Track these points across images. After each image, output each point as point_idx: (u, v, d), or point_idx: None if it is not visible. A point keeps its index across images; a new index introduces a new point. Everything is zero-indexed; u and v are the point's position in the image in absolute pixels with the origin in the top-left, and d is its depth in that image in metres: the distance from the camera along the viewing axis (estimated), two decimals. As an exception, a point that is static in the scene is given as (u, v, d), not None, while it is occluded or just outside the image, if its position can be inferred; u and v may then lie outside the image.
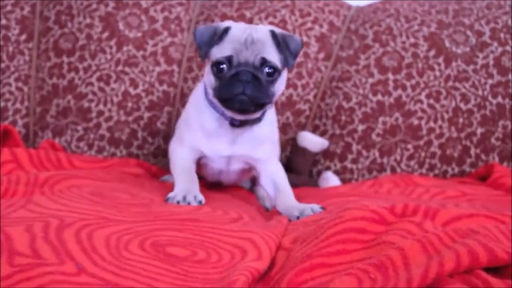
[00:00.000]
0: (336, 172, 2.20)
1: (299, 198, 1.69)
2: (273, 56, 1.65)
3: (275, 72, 1.65)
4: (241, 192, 1.96)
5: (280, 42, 1.66)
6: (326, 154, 2.23)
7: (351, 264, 1.13)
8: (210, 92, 1.69)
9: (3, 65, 2.28)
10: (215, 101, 1.69)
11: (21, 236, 1.09)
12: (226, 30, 1.67)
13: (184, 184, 1.65)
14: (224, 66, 1.64)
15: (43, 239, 1.09)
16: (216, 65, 1.64)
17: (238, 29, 1.67)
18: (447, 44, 2.23)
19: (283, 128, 2.26)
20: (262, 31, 1.67)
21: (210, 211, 1.47)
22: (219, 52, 1.65)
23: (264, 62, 1.63)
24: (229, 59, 1.63)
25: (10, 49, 2.30)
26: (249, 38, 1.64)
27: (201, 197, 1.60)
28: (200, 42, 1.69)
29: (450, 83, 2.19)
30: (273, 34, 1.67)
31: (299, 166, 2.18)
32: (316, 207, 1.58)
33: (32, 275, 0.99)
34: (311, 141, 2.20)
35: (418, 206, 1.28)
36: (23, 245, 1.06)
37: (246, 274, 1.08)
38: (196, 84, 2.14)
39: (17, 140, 2.10)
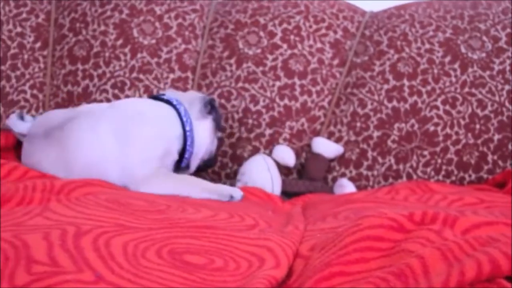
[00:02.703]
0: (352, 179, 2.19)
1: (313, 204, 1.69)
2: None
3: None
4: (257, 192, 1.95)
5: None
6: (341, 160, 2.22)
7: (370, 273, 1.12)
8: (203, 156, 2.05)
9: (18, 72, 2.28)
10: (196, 161, 2.05)
11: (39, 244, 1.09)
12: None
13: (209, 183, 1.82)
14: None
15: (60, 247, 1.09)
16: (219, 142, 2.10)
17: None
18: (463, 49, 2.21)
19: (298, 134, 2.25)
20: None
21: (226, 217, 1.46)
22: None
23: None
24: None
25: (25, 56, 2.31)
26: None
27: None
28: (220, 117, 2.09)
29: (466, 89, 2.17)
30: None
31: (313, 172, 2.17)
32: None
33: (50, 283, 0.98)
34: (326, 146, 2.19)
35: (437, 214, 1.27)
36: (41, 253, 1.06)
37: (264, 282, 1.07)
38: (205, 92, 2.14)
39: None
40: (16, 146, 2.12)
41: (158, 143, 1.88)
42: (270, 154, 2.20)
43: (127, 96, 2.27)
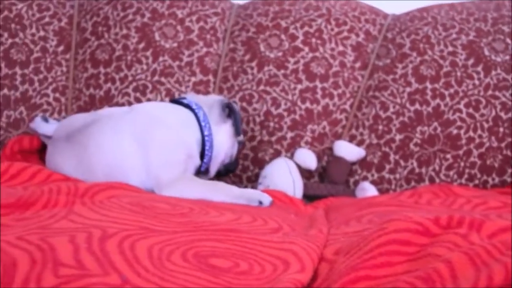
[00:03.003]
0: (374, 182, 2.18)
1: (335, 207, 1.69)
2: None
3: None
4: (279, 195, 1.95)
5: None
6: (363, 164, 2.21)
7: (396, 277, 1.11)
8: (223, 161, 2.06)
9: (41, 76, 2.30)
10: (216, 165, 2.07)
11: (65, 246, 1.09)
12: None
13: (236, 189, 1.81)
14: None
15: (86, 249, 1.09)
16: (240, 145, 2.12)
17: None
18: (486, 52, 2.20)
19: (319, 137, 2.24)
20: None
21: (250, 221, 1.46)
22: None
23: None
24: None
25: (48, 60, 2.32)
26: None
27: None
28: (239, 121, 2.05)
29: (489, 92, 2.16)
30: None
31: (335, 176, 2.17)
32: None
33: (77, 286, 0.98)
34: (348, 150, 2.18)
35: (463, 218, 1.26)
36: (67, 256, 1.06)
37: (290, 286, 1.06)
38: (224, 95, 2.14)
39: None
40: (41, 149, 2.13)
41: (179, 147, 1.88)
42: (291, 157, 2.20)
43: (149, 100, 2.27)
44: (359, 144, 2.22)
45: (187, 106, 1.99)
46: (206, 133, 1.96)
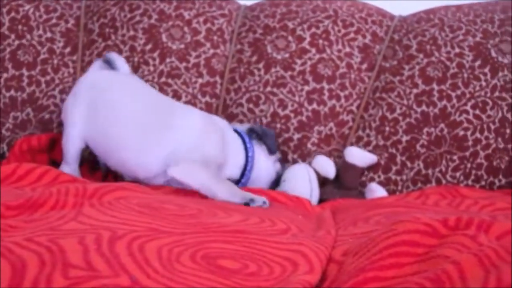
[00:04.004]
0: (380, 184, 2.18)
1: (343, 208, 1.69)
2: None
3: None
4: (283, 196, 1.95)
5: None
6: (370, 165, 2.20)
7: (405, 278, 1.11)
8: (270, 178, 2.15)
9: (48, 77, 2.30)
10: (267, 182, 2.15)
11: (74, 248, 1.10)
12: None
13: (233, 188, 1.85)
14: None
15: (96, 251, 1.09)
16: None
17: None
18: (493, 53, 2.20)
19: (326, 139, 2.25)
20: None
21: (258, 222, 1.46)
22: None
23: None
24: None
25: (55, 61, 2.33)
26: None
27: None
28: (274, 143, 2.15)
29: (496, 93, 2.16)
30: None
31: (348, 182, 2.16)
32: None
33: (87, 288, 0.99)
34: (360, 156, 2.17)
35: (471, 219, 1.26)
36: (77, 257, 1.07)
37: (299, 287, 1.07)
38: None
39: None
40: (49, 148, 2.15)
41: (218, 153, 1.97)
42: (303, 160, 2.21)
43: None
44: (366, 145, 2.22)
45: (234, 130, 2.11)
46: (250, 154, 2.06)
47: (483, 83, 2.18)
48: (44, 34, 2.34)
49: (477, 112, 2.16)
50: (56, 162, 2.13)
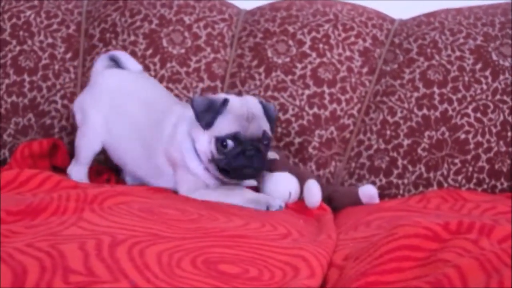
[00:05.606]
0: (382, 187, 2.17)
1: (344, 213, 1.67)
2: (268, 128, 1.84)
3: (270, 142, 1.86)
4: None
5: (267, 113, 1.85)
6: (371, 169, 2.20)
7: (406, 282, 1.11)
8: (207, 159, 1.81)
9: (49, 83, 2.31)
10: (210, 166, 1.83)
11: (75, 253, 1.10)
12: (224, 103, 1.78)
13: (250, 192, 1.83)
14: (231, 142, 1.77)
15: (96, 256, 1.09)
16: (221, 140, 1.76)
17: (236, 103, 1.81)
18: (494, 57, 2.20)
19: (327, 143, 2.24)
20: (255, 104, 1.84)
21: (258, 227, 1.46)
22: (224, 128, 1.76)
23: (264, 135, 1.81)
24: (235, 135, 1.77)
25: (56, 67, 2.33)
26: (249, 113, 1.79)
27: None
28: (199, 113, 1.78)
29: (497, 97, 2.15)
30: (263, 107, 1.85)
31: (339, 204, 2.06)
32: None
33: (87, 293, 0.99)
34: (374, 197, 2.01)
35: (473, 223, 1.26)
36: (77, 262, 1.07)
37: (300, 292, 1.07)
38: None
39: (65, 154, 2.14)
40: (50, 153, 2.14)
41: None
42: (299, 162, 2.20)
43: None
44: (367, 149, 2.22)
45: None
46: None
47: (484, 86, 2.17)
48: (45, 39, 2.34)
49: (479, 115, 2.16)
50: (57, 168, 2.13)
